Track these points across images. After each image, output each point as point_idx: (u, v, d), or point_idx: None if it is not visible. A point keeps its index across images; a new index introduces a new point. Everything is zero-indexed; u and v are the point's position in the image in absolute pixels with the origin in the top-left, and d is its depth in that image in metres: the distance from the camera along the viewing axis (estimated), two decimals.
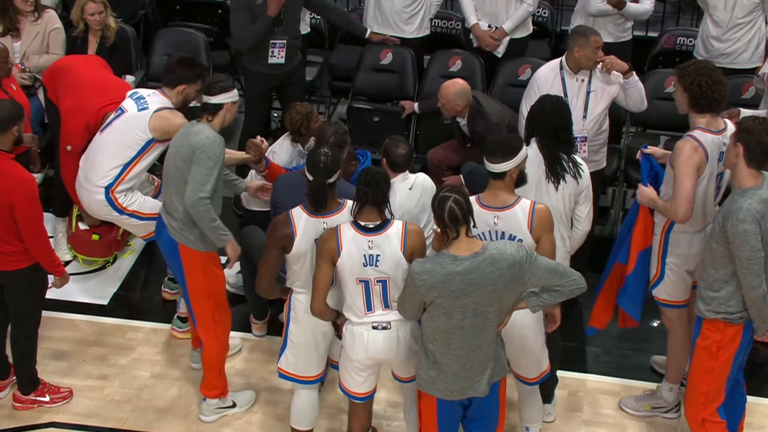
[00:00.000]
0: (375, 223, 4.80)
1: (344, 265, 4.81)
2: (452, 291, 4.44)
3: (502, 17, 7.36)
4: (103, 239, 6.86)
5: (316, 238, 4.90)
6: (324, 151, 4.93)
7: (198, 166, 5.21)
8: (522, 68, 7.40)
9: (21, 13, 7.14)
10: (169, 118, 5.73)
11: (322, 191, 4.89)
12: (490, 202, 4.89)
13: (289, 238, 4.93)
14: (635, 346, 6.19)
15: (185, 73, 5.74)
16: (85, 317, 6.51)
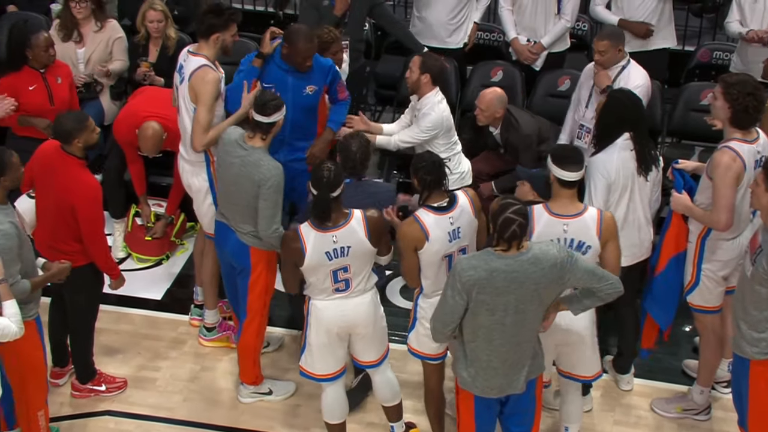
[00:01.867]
0: (446, 200, 4.97)
1: (431, 249, 4.95)
2: (496, 288, 4.46)
3: (540, 32, 7.37)
4: (156, 239, 7.01)
5: (327, 251, 4.98)
6: (328, 165, 4.99)
7: (266, 201, 5.26)
8: (561, 79, 7.43)
9: (81, 22, 7.24)
10: (198, 83, 5.57)
11: (326, 205, 4.95)
12: (560, 210, 4.90)
13: (299, 252, 4.99)
14: (667, 350, 6.19)
15: (216, 20, 5.61)
16: (140, 311, 6.62)
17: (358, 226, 5.01)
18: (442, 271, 5.04)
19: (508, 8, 7.43)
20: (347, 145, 5.49)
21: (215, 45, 5.65)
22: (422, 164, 5.01)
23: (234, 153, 5.35)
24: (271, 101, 5.31)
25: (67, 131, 5.35)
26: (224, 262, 5.74)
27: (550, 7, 7.32)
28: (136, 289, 6.73)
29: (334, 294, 5.13)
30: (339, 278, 5.08)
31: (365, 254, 5.08)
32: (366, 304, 5.20)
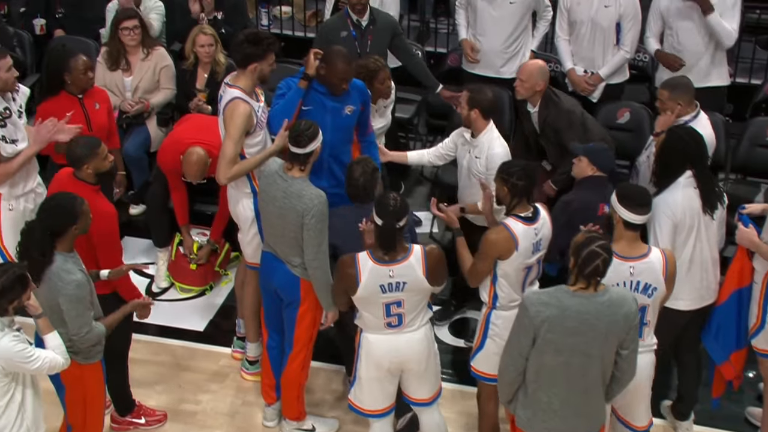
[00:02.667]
0: (531, 211, 5.05)
1: (517, 260, 5.01)
2: (566, 327, 4.41)
3: (598, 63, 7.32)
4: (199, 268, 7.02)
5: (382, 284, 4.96)
6: (393, 194, 4.99)
7: (311, 231, 5.25)
8: (621, 111, 7.37)
9: (129, 49, 7.32)
10: (227, 116, 5.58)
11: (392, 235, 4.93)
12: (626, 253, 4.85)
13: (352, 279, 4.98)
14: (730, 396, 6.04)
15: (253, 50, 5.57)
16: (182, 343, 6.62)
17: (417, 263, 4.99)
18: (518, 282, 5.10)
19: (564, 38, 7.41)
20: (351, 171, 5.51)
21: (252, 75, 5.63)
22: (514, 169, 5.05)
23: (276, 185, 5.36)
24: (306, 131, 5.27)
25: (77, 157, 5.36)
26: (268, 293, 5.72)
27: (609, 38, 7.28)
28: (177, 320, 6.77)
29: (386, 329, 5.10)
30: (392, 312, 5.06)
31: (421, 291, 5.06)
32: (419, 340, 5.16)
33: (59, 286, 4.80)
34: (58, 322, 4.81)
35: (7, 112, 5.94)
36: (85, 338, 4.90)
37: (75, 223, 4.86)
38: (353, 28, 7.03)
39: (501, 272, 5.08)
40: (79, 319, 4.84)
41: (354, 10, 7.01)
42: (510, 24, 7.39)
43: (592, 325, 4.41)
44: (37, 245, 4.78)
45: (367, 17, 7.03)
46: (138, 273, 5.81)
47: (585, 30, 7.30)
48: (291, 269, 5.47)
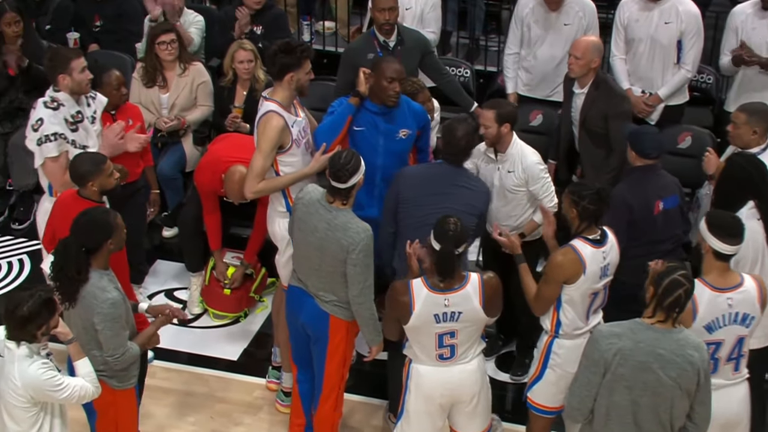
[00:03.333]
0: (599, 234, 5.03)
1: (584, 284, 4.97)
2: (639, 362, 4.35)
3: (657, 83, 7.20)
4: (234, 294, 6.93)
5: (437, 313, 4.86)
6: (453, 219, 4.89)
7: (357, 267, 5.15)
8: (682, 136, 7.26)
9: (166, 65, 7.30)
10: (260, 129, 5.58)
11: (450, 261, 4.85)
12: (720, 284, 4.77)
13: (405, 307, 4.91)
14: None
15: (288, 59, 5.55)
16: (214, 372, 6.55)
17: (474, 292, 4.92)
18: (584, 309, 5.04)
19: (621, 57, 7.29)
20: (453, 129, 5.44)
21: (290, 86, 5.61)
22: (587, 192, 4.97)
23: (318, 215, 5.24)
24: (346, 165, 5.15)
25: (80, 174, 5.35)
26: (295, 328, 5.60)
27: (669, 56, 7.15)
28: (210, 348, 6.71)
29: (437, 360, 5.02)
30: (444, 343, 4.99)
31: (476, 322, 4.98)
32: (472, 372, 5.08)
33: (94, 304, 4.78)
34: (93, 343, 4.82)
35: (79, 116, 6.05)
36: (120, 359, 4.87)
37: (110, 238, 4.86)
38: (380, 49, 6.89)
39: (566, 298, 5.03)
40: (114, 339, 4.81)
41: (381, 30, 6.90)
42: (565, 45, 7.24)
43: (666, 362, 4.35)
44: (72, 263, 4.76)
45: (395, 37, 6.92)
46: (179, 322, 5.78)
47: (643, 48, 7.18)
48: (320, 304, 5.36)
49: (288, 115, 5.62)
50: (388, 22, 6.82)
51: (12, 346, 4.50)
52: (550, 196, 5.89)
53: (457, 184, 5.47)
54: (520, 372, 6.36)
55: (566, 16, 7.28)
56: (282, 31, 7.78)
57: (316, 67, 8.72)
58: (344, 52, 7.34)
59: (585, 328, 5.10)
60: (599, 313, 5.19)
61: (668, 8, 7.09)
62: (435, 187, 5.47)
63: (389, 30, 6.86)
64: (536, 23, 7.35)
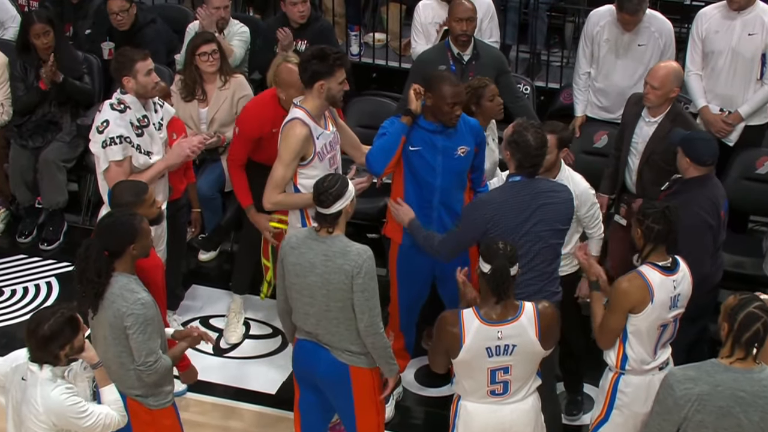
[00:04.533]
0: (669, 261, 4.93)
1: (652, 314, 4.87)
2: (719, 407, 4.25)
3: (737, 101, 7.05)
4: None
5: (489, 347, 4.73)
6: (502, 240, 4.78)
7: (364, 292, 4.99)
8: (761, 160, 7.12)
9: (206, 77, 7.22)
10: (283, 136, 5.57)
11: (506, 279, 4.71)
12: None
13: (455, 339, 4.77)
14: None
15: (320, 66, 5.52)
16: (251, 406, 6.45)
17: (529, 323, 4.77)
18: (651, 343, 4.96)
19: (697, 72, 7.14)
20: (525, 138, 5.26)
21: (320, 94, 5.57)
22: (651, 210, 4.94)
23: (311, 252, 5.06)
24: (330, 190, 5.02)
25: (121, 205, 5.31)
26: (306, 388, 5.38)
27: (752, 71, 7.01)
28: (247, 381, 6.63)
29: (488, 396, 4.88)
30: (497, 379, 4.84)
31: (532, 355, 4.84)
32: (526, 412, 4.93)
33: (124, 307, 4.75)
34: (125, 354, 4.79)
35: (145, 121, 6.12)
36: (153, 367, 4.81)
37: (134, 242, 4.84)
38: (453, 62, 6.88)
39: (632, 329, 4.93)
40: (147, 344, 4.77)
41: (457, 42, 6.88)
42: (638, 68, 7.16)
43: (748, 405, 4.24)
44: (92, 266, 4.75)
45: (470, 51, 6.91)
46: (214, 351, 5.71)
47: (723, 62, 7.04)
48: (337, 356, 5.15)
49: (314, 126, 5.59)
50: (465, 33, 6.85)
51: (35, 369, 4.53)
52: (599, 222, 5.93)
53: (540, 203, 5.28)
54: (576, 411, 6.24)
55: (641, 36, 7.14)
56: (328, 44, 7.66)
57: (365, 82, 8.76)
58: (414, 62, 7.33)
59: (653, 364, 5.01)
60: (668, 348, 5.09)
61: (752, 18, 6.95)
62: (520, 211, 5.26)
63: (465, 42, 6.87)
64: (607, 42, 7.22)
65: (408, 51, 9.23)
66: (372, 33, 9.39)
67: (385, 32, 9.35)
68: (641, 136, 6.40)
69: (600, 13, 7.26)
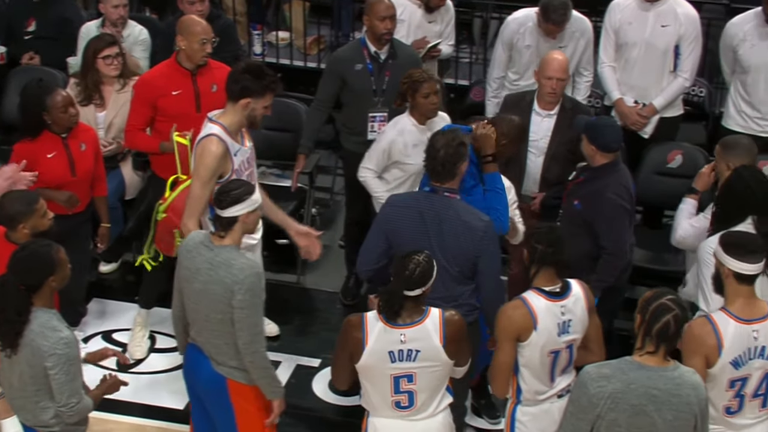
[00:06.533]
0: (559, 286, 4.88)
1: (538, 342, 4.83)
2: (632, 405, 4.27)
3: (651, 92, 7.18)
4: None
5: (392, 350, 4.74)
6: (417, 258, 4.71)
7: (244, 310, 4.89)
8: (672, 154, 7.23)
9: (105, 80, 7.14)
10: (198, 154, 5.51)
11: (398, 301, 4.70)
12: (745, 314, 4.66)
13: (358, 344, 4.77)
14: None
15: (252, 83, 5.48)
16: (158, 423, 6.41)
17: (434, 328, 4.75)
18: (545, 372, 4.92)
19: (610, 64, 7.27)
20: (433, 141, 5.32)
21: (243, 112, 5.52)
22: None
23: (200, 257, 4.99)
24: (230, 192, 4.95)
25: (10, 216, 5.23)
26: (195, 397, 5.34)
27: (666, 63, 7.14)
28: (155, 396, 6.55)
29: (394, 409, 4.85)
30: (401, 388, 4.80)
31: (438, 366, 4.81)
32: (436, 429, 4.91)
33: (45, 346, 4.65)
34: (42, 393, 4.70)
35: None
36: (74, 409, 4.74)
37: (53, 274, 4.74)
38: (370, 60, 6.87)
39: (523, 360, 4.90)
40: (69, 384, 4.69)
41: (380, 41, 6.86)
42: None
43: (661, 403, 4.26)
44: (11, 304, 4.65)
45: (387, 50, 6.91)
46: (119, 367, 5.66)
47: (637, 54, 7.16)
48: (215, 367, 5.08)
49: (231, 142, 5.52)
50: (390, 31, 6.85)
51: None
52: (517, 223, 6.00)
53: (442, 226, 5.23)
54: (499, 413, 6.25)
55: (563, 39, 7.18)
56: (231, 44, 7.71)
57: None
58: (329, 61, 7.32)
59: (550, 392, 4.99)
60: (569, 375, 5.05)
61: (665, 10, 7.08)
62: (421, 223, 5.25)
63: (388, 41, 6.88)
64: (528, 48, 7.25)
65: (314, 49, 9.26)
66: (275, 32, 9.41)
67: (289, 31, 9.38)
68: (540, 132, 6.49)
69: (519, 19, 7.26)
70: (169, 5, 8.90)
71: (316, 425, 6.33)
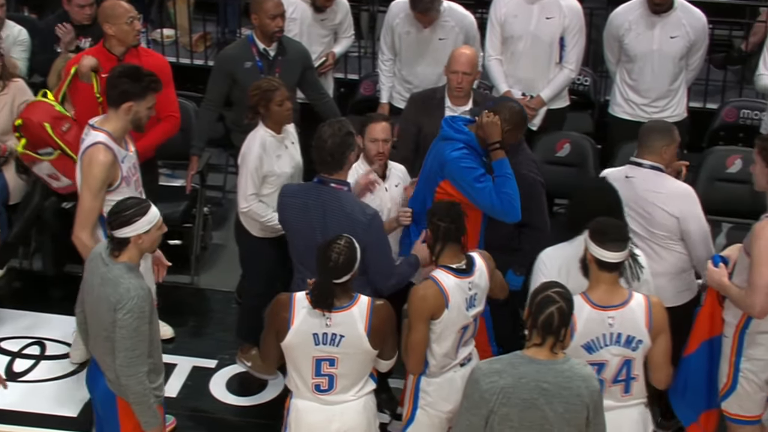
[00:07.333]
0: (464, 262, 4.98)
1: (450, 318, 4.93)
2: (523, 399, 4.31)
3: (538, 84, 7.28)
4: None
5: (316, 332, 4.80)
6: (339, 246, 4.78)
7: (123, 330, 4.80)
8: (560, 143, 7.36)
9: None
10: (85, 164, 5.48)
11: (329, 292, 4.77)
12: (602, 300, 4.75)
13: (284, 323, 4.85)
14: None
15: (131, 86, 5.47)
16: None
17: (360, 316, 4.83)
18: (453, 346, 5.03)
19: (497, 57, 7.35)
20: (321, 131, 5.34)
21: (126, 117, 5.51)
22: (438, 207, 5.01)
23: (97, 271, 4.93)
24: (122, 213, 4.82)
25: None
26: (96, 411, 5.27)
27: (551, 55, 7.25)
28: (47, 404, 6.46)
29: (314, 392, 4.92)
30: (322, 371, 4.89)
31: (360, 353, 4.88)
32: (357, 413, 4.98)
33: None
34: None
35: None
36: None
37: None
38: (259, 57, 6.86)
39: (434, 336, 5.00)
40: None
41: (272, 38, 6.85)
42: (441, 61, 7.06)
43: (552, 397, 4.32)
44: None
45: (275, 46, 6.89)
46: None
47: (523, 47, 7.25)
48: (108, 383, 5.00)
49: (118, 149, 5.50)
50: (281, 28, 6.84)
51: None
52: None
53: (327, 219, 5.28)
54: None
55: (440, 31, 7.25)
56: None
57: None
58: (217, 59, 7.24)
59: (454, 362, 5.10)
60: (470, 344, 5.19)
61: (550, 3, 7.19)
62: (305, 213, 5.33)
63: (279, 38, 6.86)
64: (407, 35, 7.32)
65: (200, 47, 9.21)
66: (160, 29, 9.32)
67: (174, 28, 9.30)
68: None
69: (399, 5, 7.34)
70: (48, 4, 8.75)
71: (214, 427, 6.33)
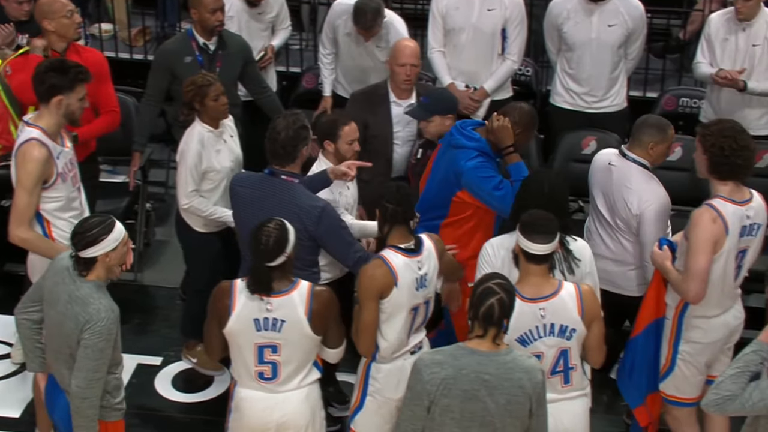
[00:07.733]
0: (412, 243, 5.01)
1: (399, 297, 4.95)
2: (464, 390, 4.33)
3: (481, 76, 7.32)
4: None
5: (257, 318, 4.77)
6: (268, 229, 4.77)
7: (87, 349, 4.73)
8: None
9: None
10: (18, 161, 5.42)
11: (264, 276, 4.76)
12: (532, 293, 4.79)
13: (225, 310, 4.84)
14: None
15: (59, 80, 5.43)
16: None
17: (300, 300, 4.82)
18: (405, 329, 5.03)
19: (439, 49, 7.37)
20: (275, 123, 5.38)
21: (57, 110, 5.46)
22: (387, 189, 5.03)
23: (63, 285, 4.85)
24: (87, 232, 4.77)
25: None
26: (53, 421, 5.19)
27: (494, 47, 7.29)
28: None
29: (257, 380, 4.90)
30: (265, 358, 4.87)
31: (302, 338, 4.86)
32: (300, 402, 4.95)
33: None
34: None
35: None
36: None
37: None
38: (199, 52, 6.85)
39: (384, 316, 5.01)
40: None
41: (212, 33, 6.85)
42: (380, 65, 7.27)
43: (493, 388, 4.34)
44: None
45: (216, 40, 6.88)
46: None
47: (465, 39, 7.28)
48: (69, 399, 4.90)
49: (53, 145, 5.45)
50: (222, 22, 6.82)
51: None
52: None
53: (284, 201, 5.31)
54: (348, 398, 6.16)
55: (380, 41, 7.28)
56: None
57: None
58: (157, 54, 7.20)
59: (405, 349, 5.12)
60: (422, 332, 5.22)
61: None
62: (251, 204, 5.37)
63: (219, 32, 6.85)
64: (348, 36, 7.36)
65: (139, 41, 9.14)
66: (98, 24, 9.25)
67: (112, 22, 9.23)
68: (402, 122, 6.58)
69: (343, 6, 7.35)
70: None
71: (161, 425, 6.30)
